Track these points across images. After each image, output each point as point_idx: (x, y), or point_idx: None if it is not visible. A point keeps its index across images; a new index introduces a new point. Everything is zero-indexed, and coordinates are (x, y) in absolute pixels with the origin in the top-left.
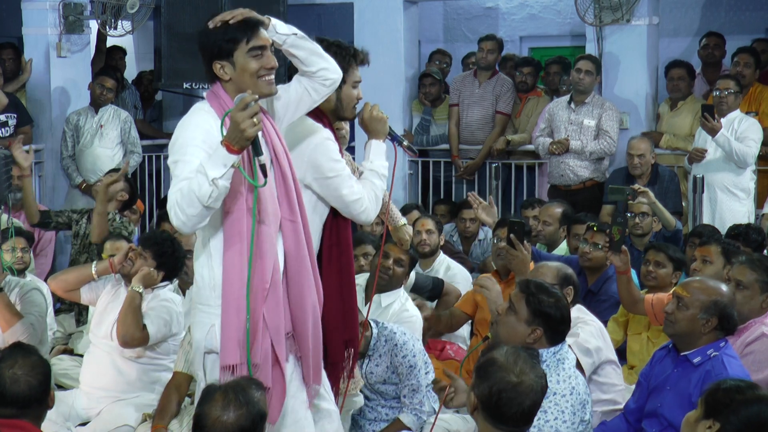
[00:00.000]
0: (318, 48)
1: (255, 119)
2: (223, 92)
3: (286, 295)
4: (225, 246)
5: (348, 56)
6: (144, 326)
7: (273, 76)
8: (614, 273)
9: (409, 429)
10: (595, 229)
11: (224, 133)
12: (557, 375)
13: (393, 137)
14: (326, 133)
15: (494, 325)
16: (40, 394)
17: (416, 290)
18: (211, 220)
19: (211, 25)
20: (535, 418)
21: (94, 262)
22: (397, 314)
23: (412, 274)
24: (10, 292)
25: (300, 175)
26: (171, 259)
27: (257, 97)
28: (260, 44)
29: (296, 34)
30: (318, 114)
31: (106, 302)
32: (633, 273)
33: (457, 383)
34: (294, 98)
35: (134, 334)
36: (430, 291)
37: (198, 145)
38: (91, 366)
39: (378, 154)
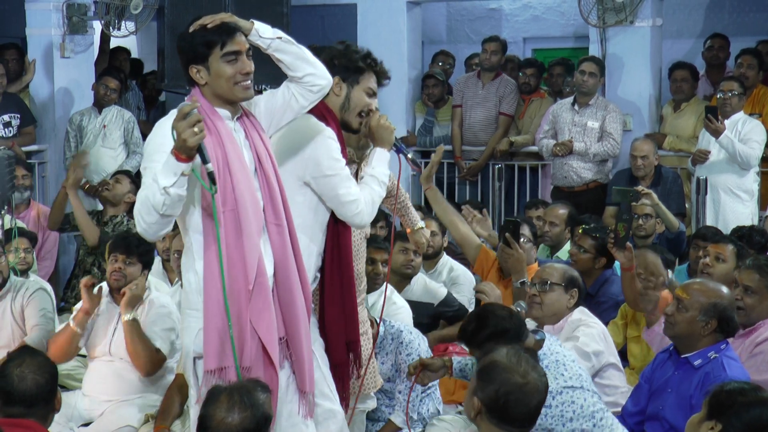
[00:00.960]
0: (305, 52)
1: (196, 128)
2: (200, 97)
3: (276, 299)
4: (204, 249)
5: (368, 59)
6: (158, 349)
7: (249, 81)
8: (612, 275)
9: (400, 429)
10: (580, 231)
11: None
12: (565, 371)
13: (398, 148)
14: (329, 132)
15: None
16: (46, 394)
17: (444, 305)
18: (193, 224)
19: (191, 29)
20: (558, 412)
21: (71, 318)
22: (385, 309)
23: (443, 289)
24: (16, 292)
25: (299, 173)
26: (151, 254)
27: (199, 104)
28: (235, 49)
29: (281, 38)
30: (323, 114)
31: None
32: None
33: (433, 362)
34: (281, 103)
35: (152, 360)
36: (455, 312)
37: (166, 152)
38: (93, 376)
39: (381, 162)
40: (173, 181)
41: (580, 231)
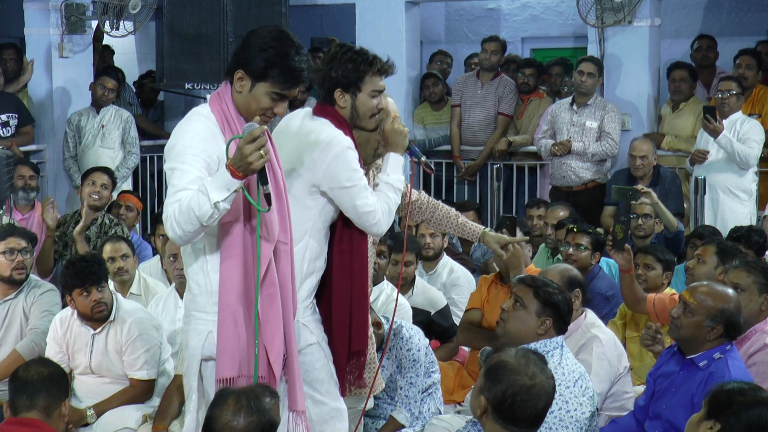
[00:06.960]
0: None
1: (262, 151)
2: (229, 98)
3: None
4: (222, 255)
5: (363, 64)
6: (145, 379)
7: (271, 119)
8: (600, 271)
9: (403, 426)
10: (575, 230)
11: (229, 156)
12: (562, 368)
13: (412, 152)
14: (347, 142)
15: (501, 323)
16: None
17: (439, 316)
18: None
19: (275, 49)
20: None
21: None
22: (386, 305)
23: (443, 299)
24: (30, 290)
25: (315, 180)
26: (104, 266)
27: (266, 128)
28: (285, 94)
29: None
30: (339, 120)
31: (67, 343)
32: None
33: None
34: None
35: (143, 397)
36: (447, 327)
37: (196, 154)
38: (82, 387)
39: (395, 168)
40: (225, 196)
41: (575, 230)
